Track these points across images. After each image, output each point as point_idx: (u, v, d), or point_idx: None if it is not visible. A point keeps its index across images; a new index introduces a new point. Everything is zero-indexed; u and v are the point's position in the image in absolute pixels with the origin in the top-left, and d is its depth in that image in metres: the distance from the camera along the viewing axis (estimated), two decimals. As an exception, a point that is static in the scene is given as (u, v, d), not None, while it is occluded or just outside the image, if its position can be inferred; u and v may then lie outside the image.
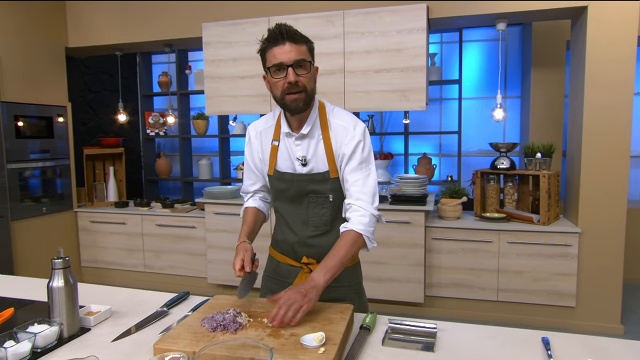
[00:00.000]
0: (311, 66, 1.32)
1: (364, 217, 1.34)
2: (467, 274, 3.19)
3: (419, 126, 4.37)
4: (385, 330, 1.21)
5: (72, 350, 1.11)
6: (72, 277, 1.18)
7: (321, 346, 1.01)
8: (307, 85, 1.30)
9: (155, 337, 1.16)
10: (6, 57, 3.47)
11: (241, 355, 0.94)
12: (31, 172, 3.71)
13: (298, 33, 1.30)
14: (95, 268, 4.18)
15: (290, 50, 1.26)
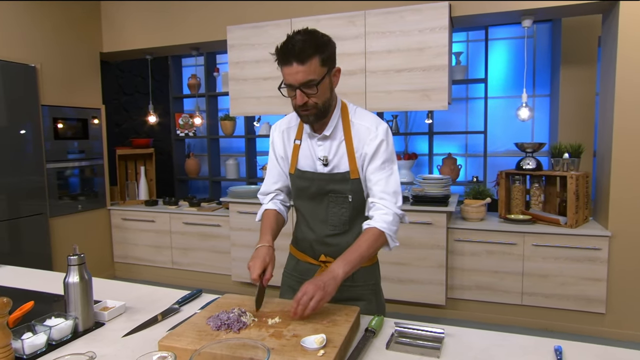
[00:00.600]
0: (322, 82, 1.27)
1: (387, 216, 1.34)
2: (491, 276, 3.13)
3: (444, 126, 4.31)
4: (391, 334, 1.20)
5: (86, 343, 1.16)
6: (87, 273, 1.23)
7: (321, 348, 1.01)
8: (317, 101, 1.30)
9: (163, 334, 1.19)
10: (46, 64, 3.68)
11: (241, 355, 0.94)
12: (68, 172, 3.91)
13: (307, 47, 1.23)
14: (127, 264, 4.36)
15: (297, 72, 1.24)
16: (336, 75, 1.36)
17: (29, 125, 3.51)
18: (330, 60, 1.31)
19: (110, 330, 1.25)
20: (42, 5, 3.65)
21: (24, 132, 3.49)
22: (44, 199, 3.65)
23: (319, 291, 1.17)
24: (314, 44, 1.24)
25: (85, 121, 4.04)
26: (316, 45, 1.24)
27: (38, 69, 3.59)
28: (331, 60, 1.31)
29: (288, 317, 1.19)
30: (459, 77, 3.90)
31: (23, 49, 3.51)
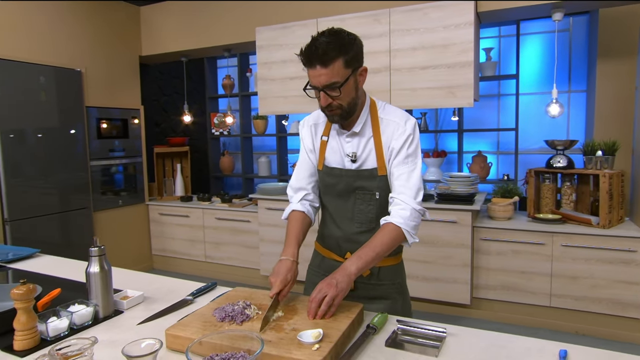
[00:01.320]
0: (346, 84, 1.27)
1: (404, 211, 1.32)
2: (518, 277, 3.06)
3: (475, 123, 4.23)
4: (393, 331, 1.19)
5: (104, 329, 1.25)
6: (106, 263, 1.33)
7: (317, 343, 1.02)
8: (342, 102, 1.30)
9: (173, 323, 1.22)
10: (90, 69, 3.94)
11: (239, 346, 0.98)
12: (110, 169, 4.17)
13: (328, 52, 1.22)
14: (164, 256, 4.59)
15: (320, 74, 1.25)
16: (362, 75, 1.35)
17: (75, 126, 3.77)
18: (355, 61, 1.29)
19: (127, 317, 1.33)
20: (87, 13, 3.91)
21: (74, 131, 3.76)
22: (88, 194, 3.91)
23: (331, 289, 1.18)
24: (338, 46, 1.23)
25: (125, 121, 4.29)
26: (340, 47, 1.24)
27: (83, 73, 3.85)
28: (356, 60, 1.29)
29: (291, 312, 1.22)
30: (489, 73, 3.82)
31: (70, 55, 3.78)
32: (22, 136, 3.38)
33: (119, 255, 4.25)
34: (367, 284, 1.47)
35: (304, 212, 1.50)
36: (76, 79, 3.79)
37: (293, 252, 1.37)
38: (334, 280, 1.20)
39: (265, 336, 1.07)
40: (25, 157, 3.40)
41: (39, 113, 3.48)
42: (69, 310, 1.24)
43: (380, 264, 1.45)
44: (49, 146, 3.56)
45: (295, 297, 1.34)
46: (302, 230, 1.46)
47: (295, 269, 1.33)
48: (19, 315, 1.10)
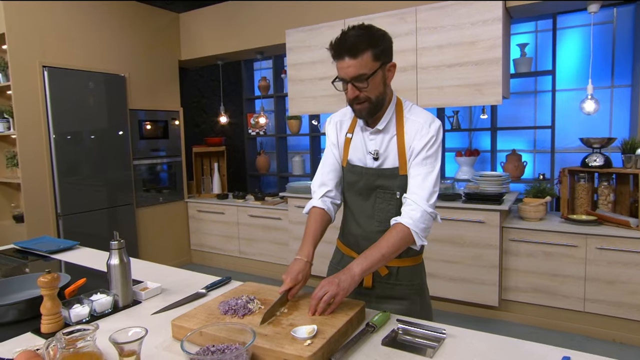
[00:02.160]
0: (374, 77, 1.28)
1: (414, 212, 1.31)
2: (549, 279, 2.95)
3: (510, 121, 4.10)
4: (392, 330, 1.19)
5: (120, 318, 1.34)
6: (125, 256, 1.44)
7: (310, 338, 1.03)
8: (370, 95, 1.30)
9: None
10: (133, 74, 4.20)
11: (235, 338, 1.02)
12: (151, 168, 4.42)
13: (358, 44, 1.24)
14: (202, 251, 4.80)
15: (348, 66, 1.26)
16: (391, 70, 1.35)
17: (120, 128, 4.04)
18: (384, 55, 1.30)
19: (144, 308, 1.42)
20: (131, 22, 4.17)
21: (121, 133, 4.03)
22: (131, 192, 4.18)
23: (332, 287, 1.19)
24: (367, 39, 1.25)
25: (166, 122, 4.53)
26: (369, 40, 1.25)
27: (127, 77, 4.12)
28: (385, 55, 1.30)
29: (293, 308, 1.24)
30: (524, 69, 3.69)
31: (115, 62, 4.05)
32: (73, 138, 3.67)
33: (160, 249, 4.51)
34: (386, 284, 1.47)
35: (324, 209, 1.50)
36: (121, 84, 4.06)
37: (308, 252, 1.38)
38: (336, 279, 1.22)
39: (262, 330, 1.11)
40: (76, 157, 3.69)
41: (87, 116, 3.77)
42: (90, 299, 1.36)
43: (399, 264, 1.45)
44: (97, 147, 3.84)
45: (302, 294, 1.36)
46: (321, 228, 1.47)
47: (307, 270, 1.35)
48: (45, 301, 1.24)
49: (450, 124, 4.16)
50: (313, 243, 1.42)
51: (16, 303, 1.33)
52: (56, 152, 3.55)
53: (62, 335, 0.90)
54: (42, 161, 3.50)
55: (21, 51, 3.37)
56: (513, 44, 3.82)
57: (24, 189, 3.42)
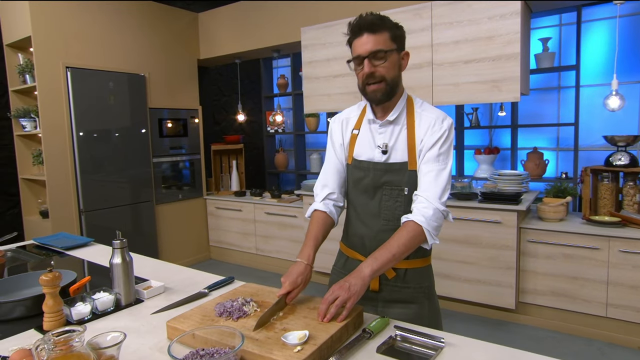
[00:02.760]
0: (391, 54, 1.29)
1: (427, 210, 1.28)
2: (569, 282, 2.84)
3: (532, 118, 3.97)
4: (390, 337, 1.15)
5: (121, 316, 1.35)
6: (128, 255, 1.46)
7: (300, 344, 1.01)
8: (386, 74, 1.29)
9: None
10: (153, 73, 4.28)
11: (226, 342, 1.01)
12: (170, 165, 4.51)
13: (378, 21, 1.28)
14: (220, 247, 4.87)
15: (366, 42, 1.27)
16: (404, 59, 1.35)
17: (140, 126, 4.13)
18: (400, 41, 1.32)
19: (146, 307, 1.42)
20: (151, 22, 4.25)
21: (142, 131, 4.13)
22: (151, 189, 4.27)
23: (343, 291, 1.16)
24: (386, 21, 1.30)
25: (185, 121, 4.60)
26: (388, 22, 1.30)
27: (147, 77, 4.20)
28: (400, 41, 1.33)
29: (289, 312, 1.22)
30: (546, 64, 3.56)
31: (135, 61, 4.14)
32: (95, 136, 3.78)
33: (179, 245, 4.60)
34: (393, 287, 1.42)
35: (325, 212, 1.47)
36: (141, 83, 4.14)
37: (309, 256, 1.36)
38: (346, 284, 1.18)
39: (254, 334, 1.09)
40: (97, 155, 3.80)
41: (108, 115, 3.87)
42: (92, 297, 1.39)
43: (407, 265, 1.40)
44: (117, 145, 3.94)
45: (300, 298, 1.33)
46: (322, 231, 1.45)
47: (307, 273, 1.32)
48: (47, 299, 1.27)
49: (470, 121, 4.06)
50: (314, 246, 1.39)
51: (23, 300, 1.37)
52: (79, 150, 3.66)
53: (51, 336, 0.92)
54: (65, 159, 3.62)
55: (46, 53, 3.48)
56: (534, 39, 3.69)
57: (49, 186, 3.55)
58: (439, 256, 3.18)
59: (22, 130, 3.71)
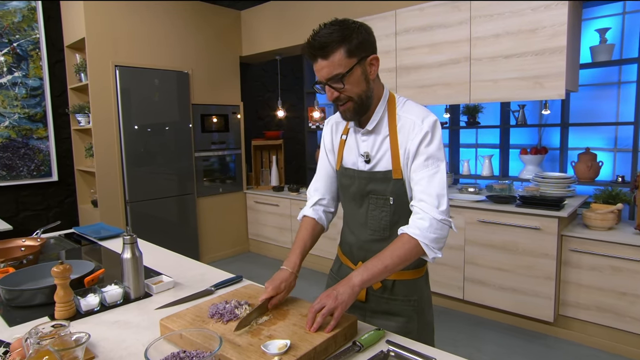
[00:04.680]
0: (350, 74, 1.20)
1: (422, 221, 1.20)
2: (617, 298, 2.61)
3: (587, 116, 3.66)
4: (380, 352, 1.11)
5: (127, 310, 1.40)
6: (137, 250, 1.50)
7: (279, 354, 1.00)
8: (350, 94, 1.23)
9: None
10: (196, 70, 4.43)
11: (209, 345, 1.01)
12: (211, 160, 4.65)
13: (328, 42, 1.16)
14: (258, 241, 4.97)
15: (322, 68, 1.20)
16: (373, 64, 1.24)
17: (183, 121, 4.30)
18: (361, 50, 1.20)
19: (154, 301, 1.46)
20: (195, 21, 4.39)
21: (186, 126, 4.29)
22: (192, 182, 4.44)
23: (330, 300, 1.13)
24: (338, 35, 1.17)
25: (226, 116, 4.72)
26: (341, 37, 1.17)
27: (190, 74, 4.35)
28: (362, 50, 1.20)
29: (280, 316, 1.21)
30: (602, 58, 3.25)
31: (180, 59, 4.30)
32: (140, 131, 3.98)
33: (219, 237, 4.75)
34: (380, 298, 1.38)
35: (314, 218, 1.46)
36: (184, 80, 4.30)
37: (294, 263, 1.35)
38: (334, 292, 1.15)
39: (237, 339, 1.09)
40: (142, 149, 4.01)
41: (153, 111, 4.06)
42: (102, 290, 1.46)
43: (396, 277, 1.35)
44: (161, 139, 4.13)
45: (294, 301, 1.33)
46: (310, 238, 1.43)
47: (291, 280, 1.31)
48: (58, 289, 1.35)
49: (515, 119, 3.83)
50: (300, 254, 1.38)
51: (42, 288, 1.47)
52: (125, 144, 3.88)
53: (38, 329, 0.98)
54: (113, 152, 3.85)
55: (97, 53, 3.71)
56: (591, 29, 3.39)
57: (98, 177, 3.79)
58: (472, 261, 3.04)
59: (78, 125, 3.99)
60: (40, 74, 3.85)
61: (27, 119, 3.79)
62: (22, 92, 3.76)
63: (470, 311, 3.22)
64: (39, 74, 3.84)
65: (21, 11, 3.71)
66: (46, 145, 3.92)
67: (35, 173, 3.87)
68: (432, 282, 3.29)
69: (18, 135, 3.75)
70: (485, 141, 4.39)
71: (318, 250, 4.30)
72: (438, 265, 3.25)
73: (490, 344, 2.80)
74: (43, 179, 3.93)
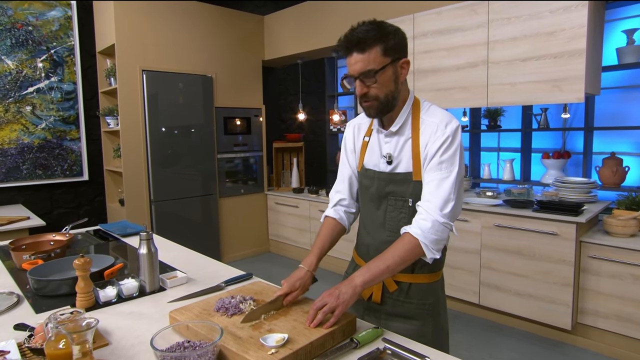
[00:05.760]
0: (383, 72, 1.23)
1: (425, 222, 1.23)
2: (638, 307, 2.53)
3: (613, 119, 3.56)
4: (376, 349, 1.13)
5: (141, 302, 1.48)
6: (153, 246, 1.59)
7: (276, 347, 1.03)
8: (378, 93, 1.26)
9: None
10: (220, 74, 4.56)
11: (212, 337, 1.07)
12: (234, 161, 4.77)
13: (366, 38, 1.21)
14: (278, 242, 5.06)
15: (356, 62, 1.23)
16: (404, 68, 1.28)
17: (207, 124, 4.44)
18: (395, 51, 1.25)
19: (167, 295, 1.54)
20: (219, 26, 4.53)
21: (207, 129, 4.43)
22: (215, 183, 4.56)
23: (332, 299, 1.17)
24: (376, 33, 1.22)
25: (249, 119, 4.84)
26: (378, 35, 1.21)
27: (213, 78, 4.49)
28: (396, 51, 1.25)
29: (282, 313, 1.24)
30: (630, 59, 3.17)
31: (204, 63, 4.44)
32: (165, 133, 4.14)
33: (240, 237, 4.86)
34: (395, 300, 1.40)
35: (335, 218, 1.49)
36: (208, 84, 4.44)
37: (311, 262, 1.38)
38: (336, 291, 1.19)
39: (239, 332, 1.14)
40: (167, 150, 4.16)
41: (177, 114, 4.21)
42: (119, 283, 1.56)
43: (411, 280, 1.37)
44: (185, 141, 4.28)
45: (301, 300, 1.36)
46: (329, 238, 1.47)
47: (306, 279, 1.34)
48: (79, 281, 1.45)
49: (537, 122, 3.76)
50: (318, 254, 1.42)
51: (67, 279, 1.58)
52: (151, 145, 4.04)
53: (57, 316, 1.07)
54: (139, 153, 4.01)
55: (126, 58, 3.89)
56: (617, 30, 3.31)
57: (125, 177, 3.96)
58: (489, 266, 3.02)
59: (107, 127, 4.18)
60: (74, 78, 4.06)
61: (61, 121, 4.01)
62: (58, 96, 3.97)
63: (486, 316, 3.19)
64: (73, 79, 4.05)
65: (58, 20, 3.93)
66: (78, 146, 4.12)
67: (68, 172, 4.08)
68: (448, 286, 3.28)
69: (53, 136, 3.97)
70: (508, 145, 4.32)
71: (336, 252, 4.33)
72: (454, 269, 3.23)
73: (505, 350, 2.78)
74: (75, 178, 4.14)
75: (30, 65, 3.81)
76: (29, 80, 3.81)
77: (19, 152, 3.79)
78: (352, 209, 1.54)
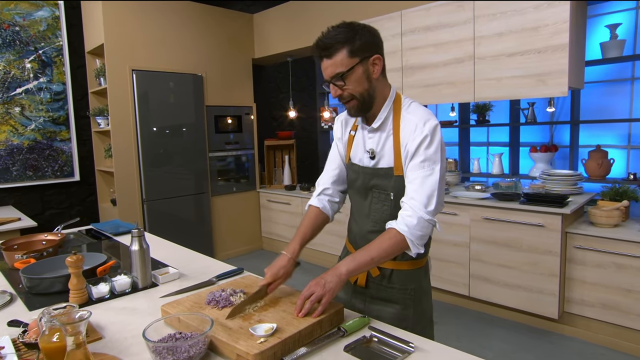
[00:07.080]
0: (351, 73, 1.27)
1: (411, 218, 1.27)
2: (622, 295, 2.60)
3: (599, 113, 3.63)
4: (362, 337, 1.17)
5: (134, 297, 1.50)
6: (145, 243, 1.61)
7: (265, 336, 1.06)
8: (353, 92, 1.31)
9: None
10: (210, 73, 4.57)
11: (203, 328, 1.09)
12: (225, 159, 4.78)
13: (331, 44, 1.26)
14: (271, 239, 5.08)
15: (326, 67, 1.29)
16: (376, 64, 1.31)
17: (197, 123, 4.44)
18: (363, 50, 1.28)
19: (159, 291, 1.56)
20: (208, 25, 4.53)
21: (198, 128, 4.43)
22: (207, 181, 4.58)
23: (318, 288, 1.20)
24: (342, 37, 1.25)
25: (239, 117, 4.85)
26: (344, 38, 1.25)
27: (204, 76, 4.50)
28: (365, 50, 1.28)
29: (272, 304, 1.27)
30: (613, 53, 3.23)
31: (194, 62, 4.45)
32: (156, 132, 4.14)
33: (233, 234, 4.88)
34: (378, 285, 1.45)
35: (319, 207, 1.53)
36: (198, 83, 4.45)
37: (294, 249, 1.42)
38: (322, 280, 1.22)
39: (229, 323, 1.17)
40: (158, 149, 4.16)
41: (168, 113, 4.21)
42: (112, 279, 1.57)
43: (393, 266, 1.42)
44: (176, 140, 4.28)
45: (289, 291, 1.39)
46: (312, 226, 1.51)
47: (289, 266, 1.38)
48: (72, 278, 1.47)
49: (525, 117, 3.82)
50: (300, 241, 1.46)
51: (60, 277, 1.59)
52: (142, 145, 4.04)
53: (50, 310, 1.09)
54: (130, 153, 4.01)
55: (115, 58, 3.88)
56: (601, 26, 3.37)
57: (116, 177, 3.97)
58: (478, 258, 3.07)
59: (98, 127, 4.18)
60: (63, 79, 4.05)
61: (51, 122, 4.00)
62: (47, 97, 3.96)
63: (476, 308, 3.25)
64: (62, 79, 4.04)
65: (46, 20, 3.92)
66: (69, 146, 4.12)
67: (59, 173, 4.07)
68: (438, 278, 3.34)
69: (43, 137, 3.96)
70: (497, 139, 4.38)
71: (323, 246, 4.38)
72: (444, 262, 3.28)
73: (495, 341, 2.83)
74: (66, 179, 4.13)
75: (18, 66, 3.79)
76: (18, 81, 3.80)
77: (8, 154, 3.78)
78: (336, 197, 1.58)
